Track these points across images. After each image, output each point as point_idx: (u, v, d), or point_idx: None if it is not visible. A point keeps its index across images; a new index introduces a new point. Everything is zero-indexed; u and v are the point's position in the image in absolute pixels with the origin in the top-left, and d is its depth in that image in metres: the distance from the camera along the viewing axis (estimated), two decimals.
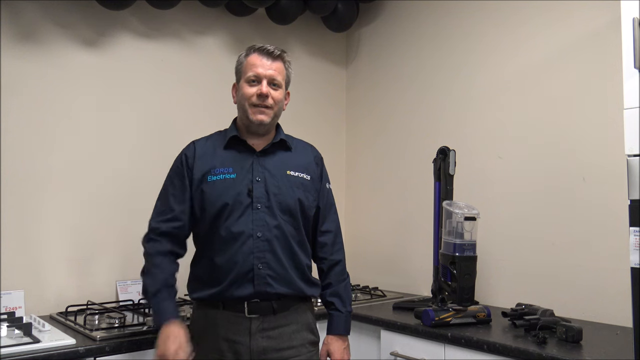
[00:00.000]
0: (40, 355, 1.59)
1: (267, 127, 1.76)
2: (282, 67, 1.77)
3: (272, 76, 1.73)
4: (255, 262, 1.66)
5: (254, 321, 1.67)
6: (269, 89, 1.72)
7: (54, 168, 2.25)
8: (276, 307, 1.69)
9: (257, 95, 1.71)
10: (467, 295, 1.97)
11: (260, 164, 1.74)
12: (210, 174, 1.73)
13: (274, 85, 1.74)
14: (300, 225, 1.76)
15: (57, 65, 2.27)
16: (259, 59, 1.73)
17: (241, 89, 1.75)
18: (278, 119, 1.81)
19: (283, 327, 1.70)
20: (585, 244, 2.08)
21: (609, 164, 2.01)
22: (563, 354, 1.57)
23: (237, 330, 1.66)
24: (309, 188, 1.80)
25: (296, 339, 1.71)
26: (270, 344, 1.67)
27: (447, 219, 2.05)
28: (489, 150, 2.44)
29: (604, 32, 2.06)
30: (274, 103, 1.73)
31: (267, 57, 1.74)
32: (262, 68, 1.72)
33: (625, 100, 1.43)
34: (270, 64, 1.74)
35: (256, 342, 1.66)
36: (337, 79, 3.17)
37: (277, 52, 1.75)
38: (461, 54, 2.58)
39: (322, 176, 1.89)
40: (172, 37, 2.58)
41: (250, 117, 1.72)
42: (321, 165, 1.90)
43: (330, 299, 1.85)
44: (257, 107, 1.72)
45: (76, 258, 2.28)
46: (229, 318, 1.68)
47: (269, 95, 1.71)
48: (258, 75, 1.72)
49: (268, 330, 1.68)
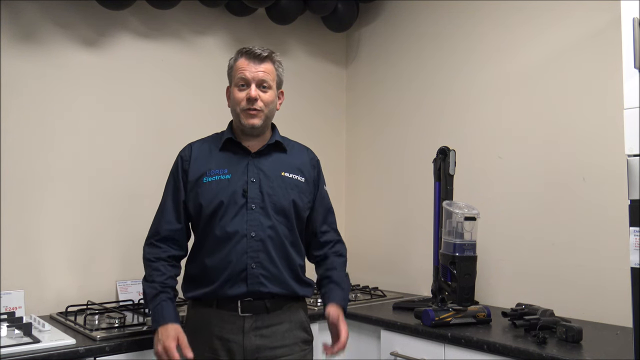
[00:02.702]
0: (40, 355, 1.59)
1: (260, 129, 1.77)
2: (271, 68, 1.77)
3: (260, 78, 1.73)
4: (248, 261, 1.68)
5: (247, 320, 1.69)
6: (257, 92, 1.73)
7: (54, 168, 2.25)
8: (269, 305, 1.71)
9: (246, 100, 1.73)
10: (467, 295, 1.97)
11: (255, 165, 1.77)
12: (205, 176, 1.75)
13: (263, 87, 1.74)
14: (294, 226, 1.78)
15: (57, 65, 2.27)
16: (246, 63, 1.74)
17: (232, 94, 1.77)
18: (271, 120, 1.82)
19: (276, 326, 1.72)
20: (585, 244, 2.08)
21: (609, 164, 2.01)
22: (563, 354, 1.57)
23: (231, 328, 1.68)
24: (303, 190, 1.81)
25: (289, 337, 1.73)
26: (264, 342, 1.69)
27: (447, 219, 2.05)
28: (489, 150, 2.43)
29: (604, 32, 2.06)
30: (264, 105, 1.74)
31: (254, 60, 1.74)
32: (249, 72, 1.73)
33: (625, 100, 1.43)
34: (258, 66, 1.74)
35: (249, 341, 1.68)
36: (337, 79, 3.16)
37: (264, 54, 1.75)
38: (461, 54, 2.58)
39: (320, 179, 1.91)
40: (172, 37, 2.58)
41: (242, 121, 1.74)
42: (318, 168, 1.91)
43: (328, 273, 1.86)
44: (247, 111, 1.73)
45: (76, 258, 2.28)
46: (223, 317, 1.69)
47: (257, 99, 1.72)
48: (246, 79, 1.73)
49: (261, 329, 1.69)
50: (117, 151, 2.39)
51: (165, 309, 1.67)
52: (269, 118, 1.79)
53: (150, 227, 1.80)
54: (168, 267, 1.74)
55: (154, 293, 1.69)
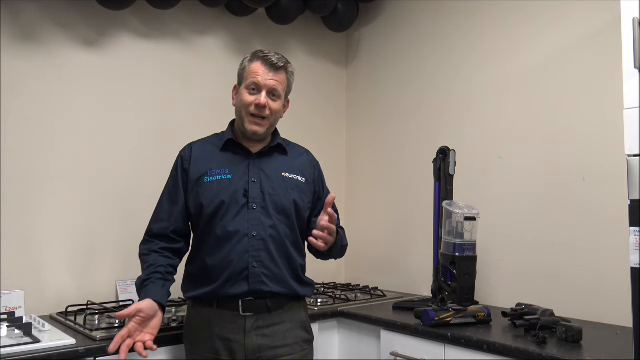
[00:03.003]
0: (40, 355, 1.59)
1: (262, 136, 1.78)
2: (284, 78, 1.77)
3: (272, 87, 1.73)
4: (250, 260, 1.68)
5: (249, 319, 1.69)
6: (267, 99, 1.72)
7: (54, 168, 2.25)
8: (270, 305, 1.71)
9: (255, 105, 1.72)
10: (467, 295, 1.97)
11: (256, 165, 1.77)
12: (207, 175, 1.75)
13: (273, 95, 1.74)
14: (295, 226, 1.79)
15: (57, 65, 2.27)
16: (261, 68, 1.73)
17: (240, 95, 1.76)
18: (274, 128, 1.82)
19: (277, 325, 1.72)
20: (585, 244, 2.08)
21: (609, 164, 2.01)
22: (563, 354, 1.57)
23: (232, 328, 1.68)
24: (304, 190, 1.82)
25: (290, 337, 1.73)
26: (265, 342, 1.69)
27: (447, 219, 2.05)
28: (489, 150, 2.43)
29: (604, 32, 2.06)
30: (271, 114, 1.75)
31: (270, 68, 1.73)
32: (263, 78, 1.72)
33: (625, 100, 1.42)
34: (273, 75, 1.73)
35: (251, 340, 1.68)
36: (337, 79, 3.16)
37: (280, 64, 1.75)
38: (461, 54, 2.58)
39: (322, 180, 1.93)
40: (172, 37, 2.58)
41: (246, 126, 1.75)
42: (318, 169, 1.93)
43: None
44: (253, 117, 1.73)
45: (76, 258, 2.28)
46: (224, 316, 1.69)
47: (266, 107, 1.72)
48: (258, 84, 1.72)
49: (263, 329, 1.69)
50: (117, 151, 2.39)
51: (150, 288, 1.65)
52: (273, 126, 1.80)
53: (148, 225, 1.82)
54: (160, 257, 1.73)
55: (142, 279, 1.69)
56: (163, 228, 1.77)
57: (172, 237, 1.78)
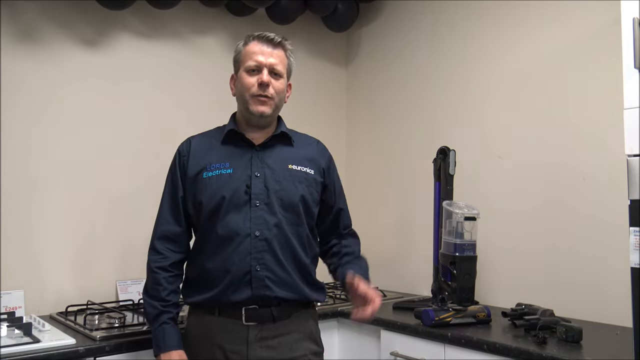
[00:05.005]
0: (40, 355, 1.59)
1: (268, 119, 1.68)
2: (283, 55, 1.68)
3: (273, 65, 1.64)
4: (252, 263, 1.57)
5: (252, 329, 1.58)
6: (270, 78, 1.63)
7: (54, 168, 2.24)
8: (276, 314, 1.60)
9: (257, 85, 1.62)
10: (467, 295, 1.97)
11: (259, 158, 1.66)
12: (205, 170, 1.64)
13: (275, 74, 1.65)
14: (304, 222, 1.67)
15: (57, 64, 2.27)
16: (258, 47, 1.65)
17: (240, 79, 1.66)
18: (279, 111, 1.72)
19: (284, 336, 1.60)
20: (585, 243, 2.08)
21: (609, 164, 2.01)
22: (563, 354, 1.57)
23: (234, 339, 1.58)
24: (312, 183, 1.70)
25: (298, 349, 1.61)
26: (270, 354, 1.58)
27: (447, 219, 2.05)
28: (489, 150, 2.43)
29: (604, 32, 2.06)
30: (275, 93, 1.64)
31: (267, 45, 1.65)
32: (262, 56, 1.63)
33: (625, 100, 1.43)
34: (271, 51, 1.65)
35: (254, 352, 1.57)
36: (337, 78, 3.16)
37: (277, 39, 1.67)
38: (461, 54, 2.58)
39: (334, 174, 1.83)
40: (172, 37, 2.58)
41: (251, 108, 1.64)
42: (330, 161, 1.82)
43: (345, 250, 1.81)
44: (257, 98, 1.62)
45: (76, 258, 2.28)
46: (226, 325, 1.59)
47: (269, 85, 1.62)
48: (259, 63, 1.63)
49: (267, 340, 1.59)
50: (117, 151, 2.39)
51: (167, 333, 1.59)
52: (278, 108, 1.69)
53: (153, 227, 1.73)
54: (170, 278, 1.64)
55: (155, 313, 1.61)
56: (168, 231, 1.68)
57: (177, 241, 1.68)
